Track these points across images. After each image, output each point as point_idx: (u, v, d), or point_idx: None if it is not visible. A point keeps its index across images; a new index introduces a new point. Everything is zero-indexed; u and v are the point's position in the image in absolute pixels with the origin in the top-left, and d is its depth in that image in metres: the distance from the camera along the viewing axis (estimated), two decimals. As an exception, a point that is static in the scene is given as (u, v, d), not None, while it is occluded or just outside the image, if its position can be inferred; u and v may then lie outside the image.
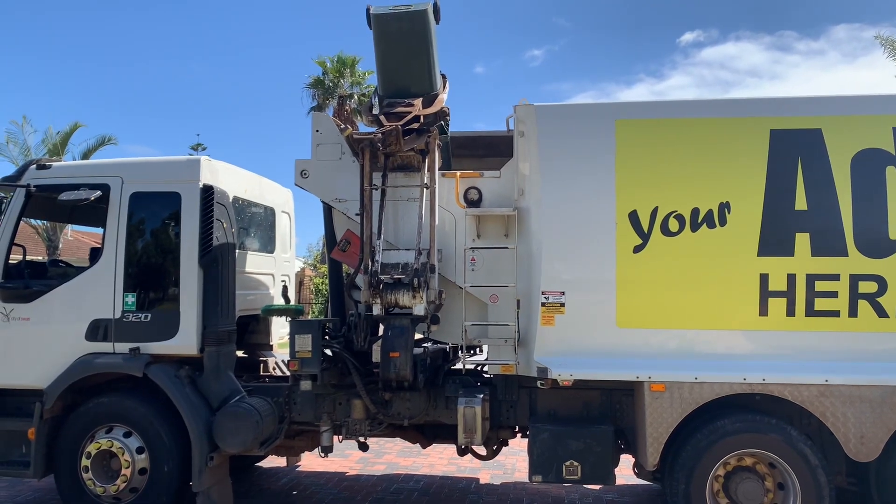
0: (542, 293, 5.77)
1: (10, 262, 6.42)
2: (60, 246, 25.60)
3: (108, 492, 5.99)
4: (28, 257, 6.65)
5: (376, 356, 5.84)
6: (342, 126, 6.90)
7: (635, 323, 5.67)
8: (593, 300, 5.72)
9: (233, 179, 6.80)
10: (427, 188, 6.13)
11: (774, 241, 5.53)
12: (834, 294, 5.46)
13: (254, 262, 7.28)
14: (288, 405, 6.54)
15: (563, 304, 5.76)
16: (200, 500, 5.92)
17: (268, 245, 7.74)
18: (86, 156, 27.24)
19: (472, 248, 6.12)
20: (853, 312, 5.44)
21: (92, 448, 6.03)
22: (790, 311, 5.50)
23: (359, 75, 33.54)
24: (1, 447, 6.23)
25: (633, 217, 5.68)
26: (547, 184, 5.84)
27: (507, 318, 6.03)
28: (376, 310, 5.93)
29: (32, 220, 23.77)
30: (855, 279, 5.44)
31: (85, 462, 6.03)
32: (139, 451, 6.04)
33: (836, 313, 5.45)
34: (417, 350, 6.30)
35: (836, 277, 5.46)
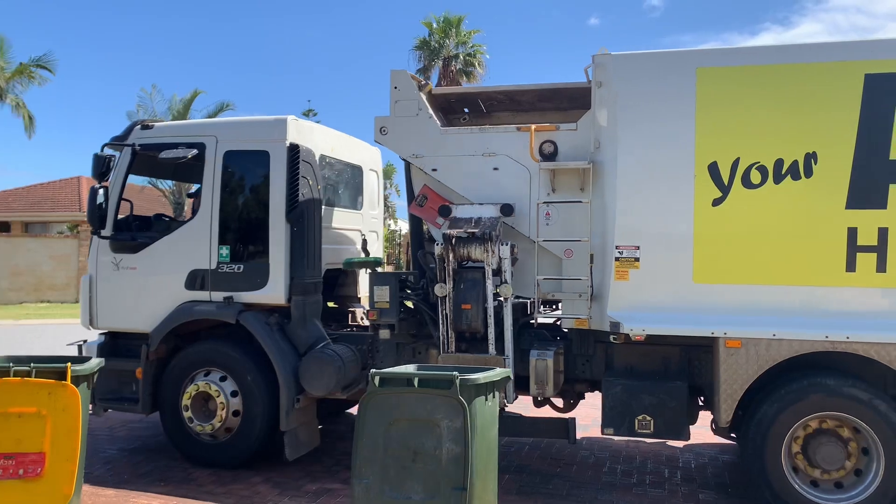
0: (616, 247, 5.72)
1: (119, 216, 6.97)
2: (186, 208, 27.31)
3: (205, 430, 6.48)
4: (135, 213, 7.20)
5: (440, 291, 6.04)
6: (423, 82, 7.01)
7: (713, 278, 5.53)
8: (669, 255, 5.62)
9: (320, 138, 7.06)
10: None
11: (865, 192, 5.23)
12: (931, 249, 5.12)
13: (341, 218, 7.55)
14: (371, 353, 6.82)
15: (637, 259, 5.69)
16: (287, 439, 6.32)
17: (355, 202, 8.00)
18: (206, 122, 28.75)
19: (545, 203, 6.12)
20: (953, 269, 5.09)
21: (192, 389, 6.52)
22: (881, 267, 5.20)
23: (464, 35, 33.44)
24: (114, 384, 6.85)
25: (713, 169, 5.50)
26: (624, 135, 5.74)
27: (582, 272, 6.02)
28: (453, 264, 6.05)
29: (160, 184, 25.51)
30: (956, 233, 5.08)
31: (186, 402, 6.54)
32: (233, 394, 6.48)
33: (933, 270, 5.12)
34: (495, 303, 6.40)
35: (934, 232, 5.11)
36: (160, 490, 6.00)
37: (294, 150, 6.44)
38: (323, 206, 6.92)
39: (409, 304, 6.65)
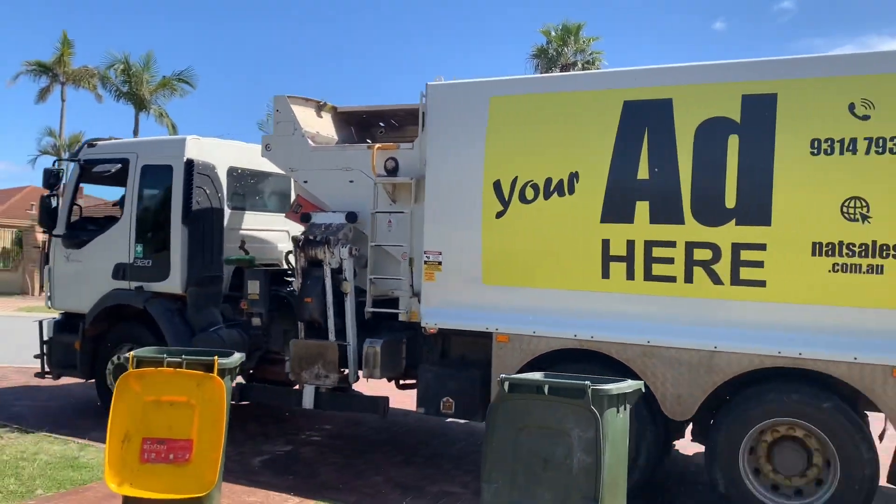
0: (425, 252, 6.61)
1: (73, 218, 8.53)
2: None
3: (122, 394, 7.91)
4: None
5: (295, 286, 7.12)
6: (322, 103, 8.08)
7: (497, 281, 6.31)
8: (464, 260, 6.43)
9: (229, 153, 8.31)
10: None
11: (616, 208, 5.85)
12: (670, 260, 5.68)
13: (266, 221, 8.76)
14: (266, 337, 8.00)
15: (440, 263, 6.54)
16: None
17: (283, 206, 9.17)
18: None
19: (376, 213, 7.06)
20: (689, 278, 5.63)
21: (113, 361, 7.98)
22: (630, 276, 5.81)
23: (583, 42, 33.32)
24: (65, 354, 8.43)
25: (497, 186, 6.27)
26: (431, 154, 6.60)
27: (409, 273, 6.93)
28: (302, 263, 7.13)
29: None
30: (690, 246, 5.61)
31: (109, 370, 8.01)
32: (144, 365, 7.87)
33: (672, 279, 5.68)
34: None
35: (672, 244, 5.66)
36: (288, 483, 6.40)
37: (190, 165, 7.71)
38: (229, 211, 8.16)
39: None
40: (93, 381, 8.41)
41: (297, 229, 9.24)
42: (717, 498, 5.67)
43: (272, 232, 8.88)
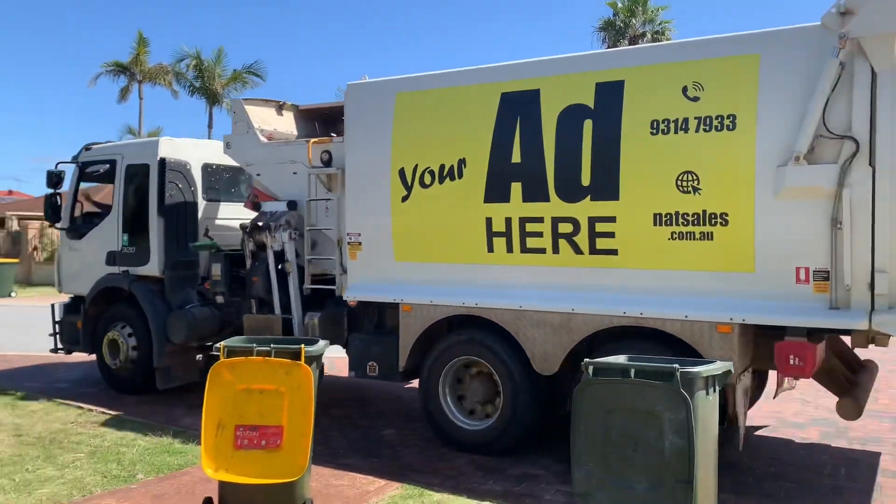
0: (347, 234, 7.48)
1: (75, 213, 9.78)
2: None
3: (114, 364, 9.12)
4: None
5: (247, 268, 8.10)
6: (282, 103, 9.04)
7: (406, 258, 7.12)
8: (379, 240, 7.26)
9: (203, 151, 9.37)
10: None
11: (496, 189, 6.55)
12: (540, 234, 6.36)
13: (239, 211, 9.77)
14: (237, 314, 9.03)
15: (360, 243, 7.40)
16: (158, 374, 8.76)
17: (258, 196, 10.19)
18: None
19: (311, 200, 7.95)
20: (556, 250, 6.30)
21: (108, 336, 9.18)
22: (509, 249, 6.52)
23: (651, 12, 32.75)
24: (72, 332, 9.71)
25: (401, 173, 7.06)
26: (350, 147, 7.44)
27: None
28: (251, 247, 8.12)
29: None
30: (555, 221, 6.28)
31: (104, 345, 9.22)
32: (132, 341, 9.04)
33: (543, 250, 6.37)
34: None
35: (540, 220, 6.34)
36: (373, 465, 6.51)
37: (162, 163, 8.79)
38: (204, 203, 9.22)
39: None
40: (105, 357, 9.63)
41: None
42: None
43: (245, 220, 9.89)
